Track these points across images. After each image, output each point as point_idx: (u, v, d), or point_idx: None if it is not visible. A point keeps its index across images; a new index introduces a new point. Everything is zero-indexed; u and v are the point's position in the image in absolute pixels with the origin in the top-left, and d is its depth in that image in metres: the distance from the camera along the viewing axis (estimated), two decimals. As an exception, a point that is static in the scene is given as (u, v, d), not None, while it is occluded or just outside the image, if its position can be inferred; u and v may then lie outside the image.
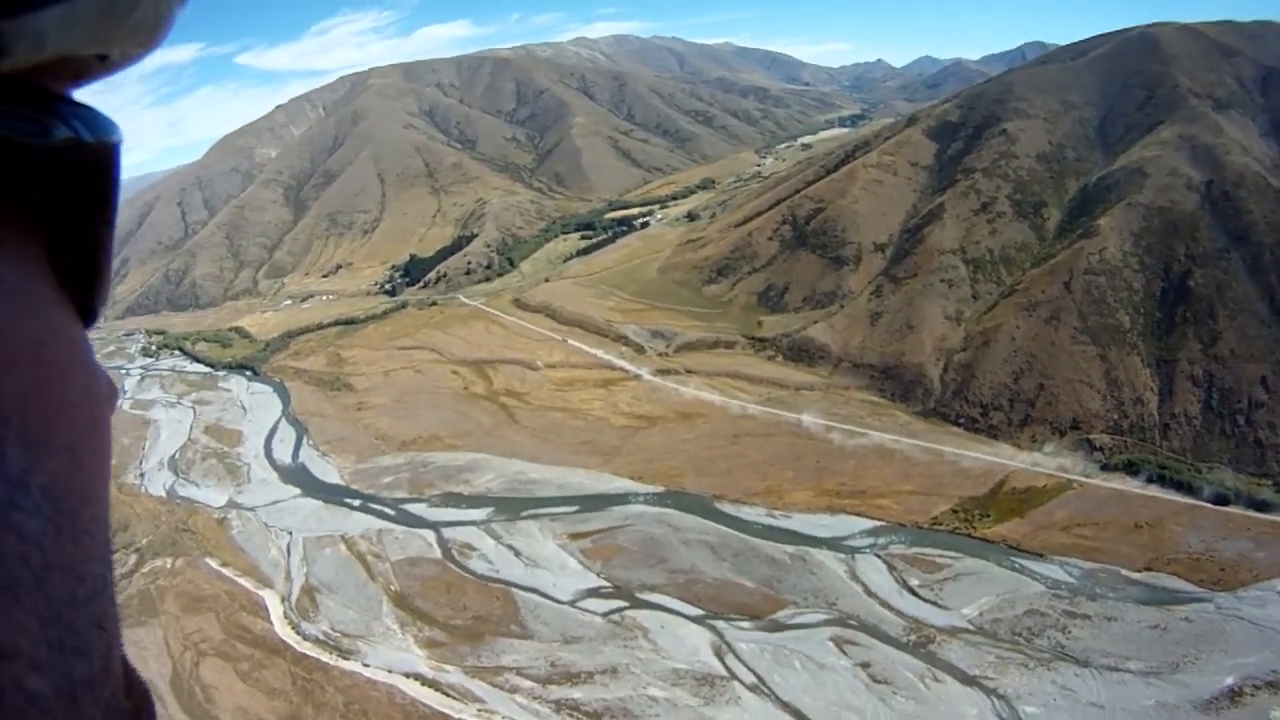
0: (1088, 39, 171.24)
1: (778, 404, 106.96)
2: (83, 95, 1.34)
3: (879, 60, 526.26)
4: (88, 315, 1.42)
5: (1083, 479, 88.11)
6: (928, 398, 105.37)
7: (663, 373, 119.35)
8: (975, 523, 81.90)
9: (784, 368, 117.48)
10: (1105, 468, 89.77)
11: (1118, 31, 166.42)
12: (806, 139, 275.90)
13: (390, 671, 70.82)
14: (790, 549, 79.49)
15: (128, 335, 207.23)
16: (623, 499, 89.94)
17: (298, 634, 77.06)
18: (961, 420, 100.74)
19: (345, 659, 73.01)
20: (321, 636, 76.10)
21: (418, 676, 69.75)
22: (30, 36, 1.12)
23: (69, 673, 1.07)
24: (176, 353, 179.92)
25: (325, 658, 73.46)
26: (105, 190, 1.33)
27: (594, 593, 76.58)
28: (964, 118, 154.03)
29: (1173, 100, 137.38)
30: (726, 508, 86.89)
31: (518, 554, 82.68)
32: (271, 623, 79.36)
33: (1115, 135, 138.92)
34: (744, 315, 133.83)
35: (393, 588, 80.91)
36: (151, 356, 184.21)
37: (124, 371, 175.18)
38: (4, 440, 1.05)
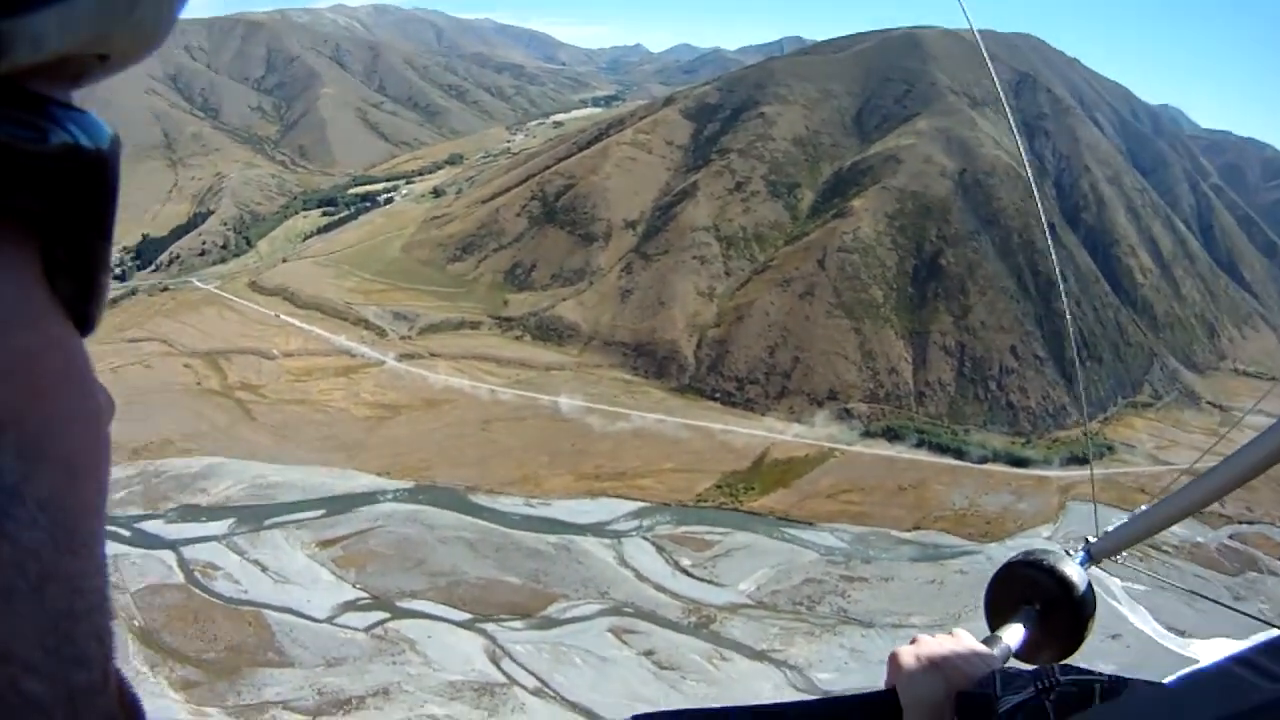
0: (852, 35, 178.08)
1: (528, 386, 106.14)
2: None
3: (637, 45, 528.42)
4: (84, 325, 1.26)
5: (844, 447, 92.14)
6: (682, 374, 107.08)
7: (406, 357, 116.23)
8: (741, 496, 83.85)
9: (533, 348, 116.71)
10: (866, 435, 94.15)
11: (882, 30, 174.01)
12: (559, 117, 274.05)
13: None
14: (553, 539, 78.71)
15: None
16: (371, 498, 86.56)
17: None
18: (718, 395, 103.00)
19: None
20: None
21: None
22: (30, 36, 1.01)
23: (67, 680, 1.02)
24: None
25: None
26: (102, 198, 1.19)
27: (352, 605, 73.06)
28: (723, 100, 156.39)
29: (931, 95, 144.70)
30: (482, 500, 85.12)
31: (265, 569, 77.99)
32: None
33: (872, 124, 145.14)
34: (490, 294, 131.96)
35: (136, 623, 73.89)
36: None
37: None
38: (0, 452, 1.14)
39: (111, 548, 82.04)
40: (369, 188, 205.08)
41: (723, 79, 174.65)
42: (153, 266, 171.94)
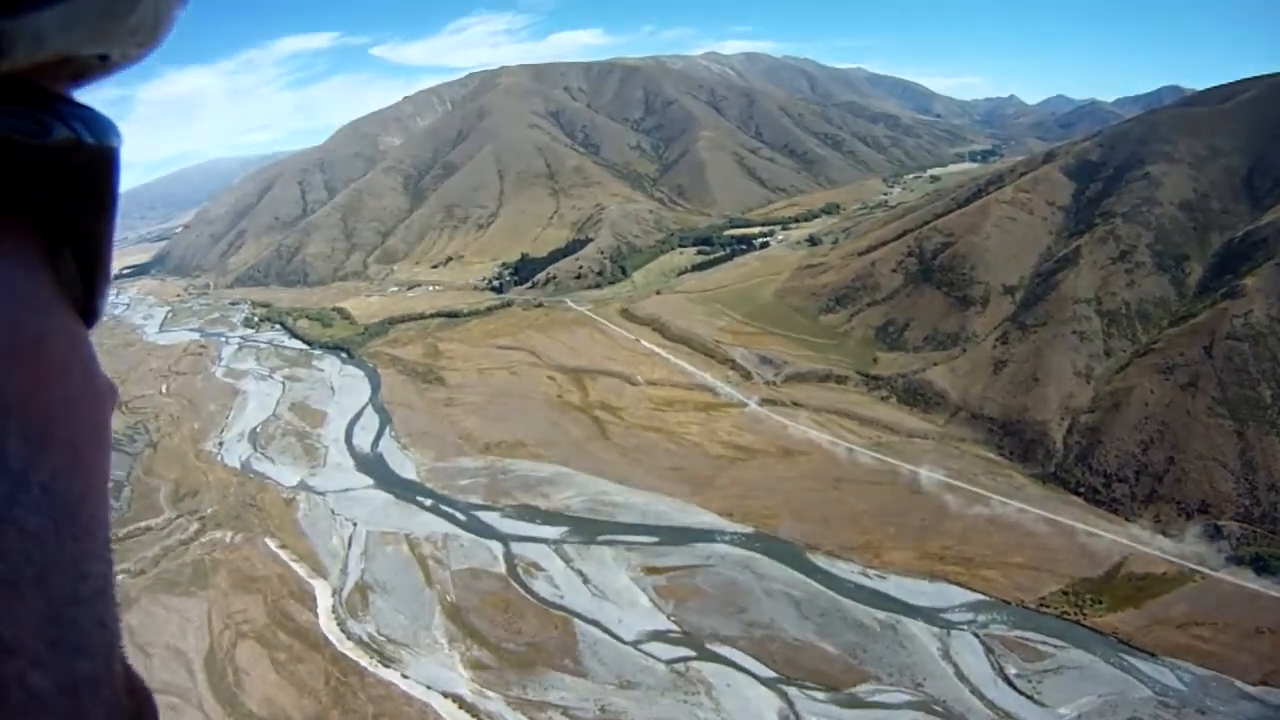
0: (1233, 83, 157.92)
1: (887, 450, 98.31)
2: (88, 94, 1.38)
3: (1012, 96, 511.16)
4: (88, 315, 1.42)
5: (1206, 570, 78.35)
6: (1048, 460, 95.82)
7: (768, 403, 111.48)
8: (1086, 608, 73.16)
9: (897, 411, 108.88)
10: (1232, 560, 79.89)
11: (1266, 76, 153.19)
12: (935, 171, 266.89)
13: (429, 688, 66.26)
14: (881, 615, 71.81)
15: (234, 305, 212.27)
16: (708, 535, 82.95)
17: (342, 631, 73.53)
18: (1082, 489, 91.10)
19: (385, 666, 68.95)
20: (365, 638, 72.28)
21: (456, 698, 64.97)
22: (30, 36, 1.13)
23: (71, 670, 1.07)
24: (277, 326, 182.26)
25: (364, 661, 69.57)
26: (105, 190, 1.33)
27: (661, 636, 70.13)
28: (1105, 157, 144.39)
29: None
30: (819, 560, 79.25)
31: (586, 581, 76.76)
32: (318, 615, 76.17)
33: (1264, 188, 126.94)
34: (860, 349, 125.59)
35: (449, 598, 76.18)
36: (253, 328, 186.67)
37: (224, 340, 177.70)
38: (5, 436, 1.06)
39: (445, 526, 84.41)
40: (745, 230, 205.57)
41: (1104, 134, 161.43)
42: (529, 284, 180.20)
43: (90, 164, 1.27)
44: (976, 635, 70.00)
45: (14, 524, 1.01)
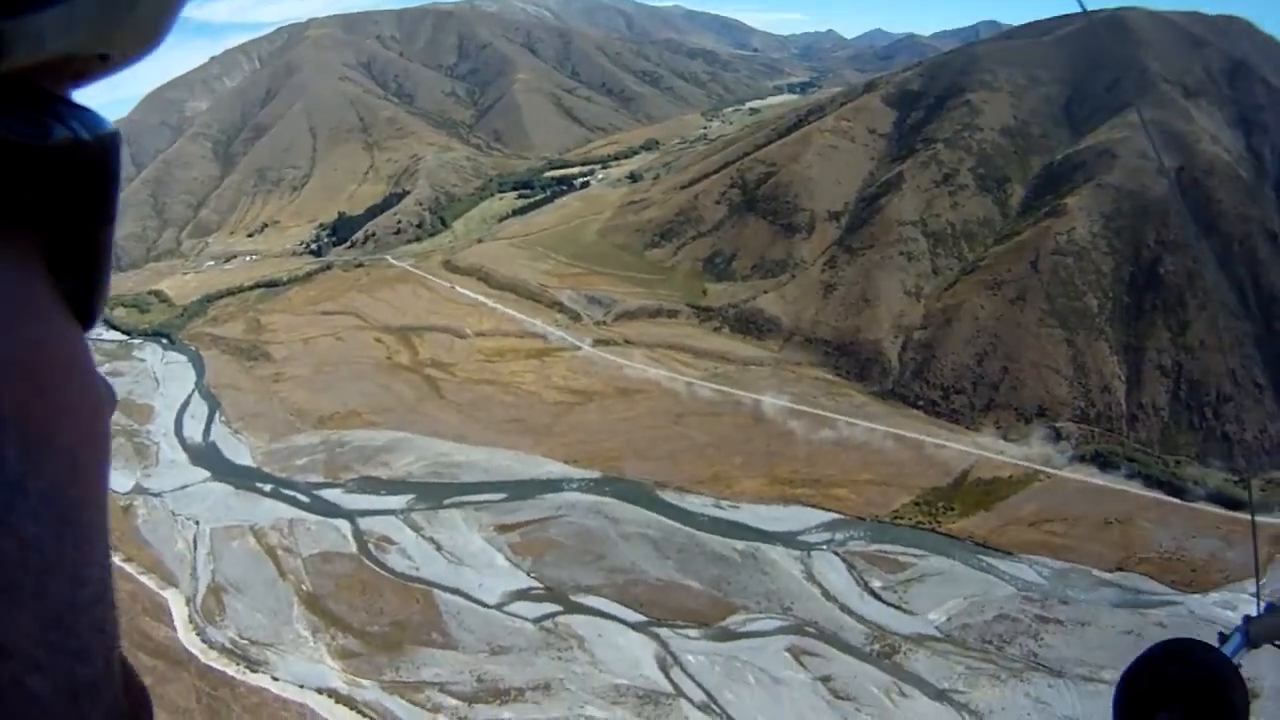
0: (1053, 18, 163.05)
1: (725, 380, 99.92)
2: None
3: (830, 30, 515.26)
4: (86, 318, 1.38)
5: (1051, 470, 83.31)
6: (885, 377, 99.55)
7: (600, 343, 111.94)
8: (940, 516, 76.74)
9: (731, 340, 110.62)
10: (1074, 459, 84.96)
11: (1087, 12, 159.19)
12: (754, 103, 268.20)
13: (301, 687, 64.37)
14: (740, 545, 73.21)
15: None
16: (555, 485, 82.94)
17: (203, 642, 70.49)
18: (921, 403, 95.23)
19: (253, 671, 66.54)
20: (229, 644, 69.52)
21: (331, 693, 63.48)
22: (30, 36, 1.13)
23: (71, 676, 1.08)
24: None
25: (232, 670, 66.89)
26: (104, 192, 1.31)
27: (524, 594, 70.00)
28: (926, 86, 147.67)
29: (1142, 84, 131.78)
30: (670, 496, 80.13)
31: (440, 548, 75.71)
32: (175, 629, 72.74)
33: (1082, 115, 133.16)
34: (688, 282, 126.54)
35: (304, 587, 74.00)
36: None
37: None
38: (2, 443, 1.06)
39: (289, 511, 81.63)
40: (565, 171, 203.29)
41: (925, 65, 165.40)
42: (348, 244, 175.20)
43: (89, 165, 1.25)
44: (836, 553, 72.38)
45: (12, 531, 1.01)
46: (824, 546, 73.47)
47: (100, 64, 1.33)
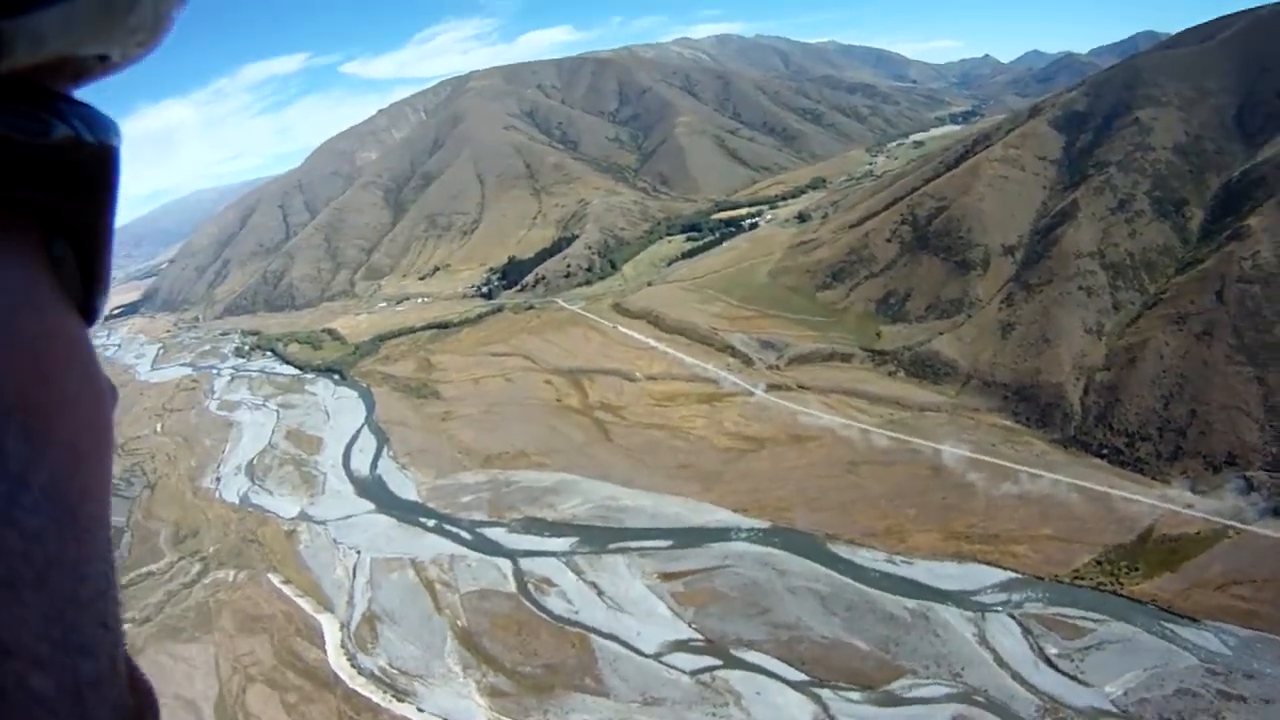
0: (1212, 21, 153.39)
1: (900, 427, 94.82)
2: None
3: (986, 56, 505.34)
4: (88, 314, 1.43)
5: (1240, 525, 75.21)
6: (1067, 424, 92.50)
7: (773, 388, 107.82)
8: (1122, 577, 70.16)
9: (906, 385, 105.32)
10: (1265, 512, 76.89)
11: (1246, 11, 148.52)
12: (918, 136, 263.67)
13: None
14: (911, 603, 68.60)
15: (223, 335, 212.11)
16: (723, 534, 79.56)
17: (353, 667, 70.86)
18: (1105, 451, 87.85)
19: (400, 700, 66.16)
20: (377, 672, 69.55)
21: None
22: (30, 36, 1.13)
23: (74, 672, 1.07)
24: (268, 354, 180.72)
25: (378, 698, 66.79)
26: (105, 189, 1.34)
27: (683, 645, 66.99)
28: (1091, 106, 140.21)
29: None
30: (841, 550, 75.83)
31: (600, 593, 73.67)
32: (326, 652, 73.53)
33: (1256, 124, 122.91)
34: (861, 324, 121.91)
35: (460, 623, 73.25)
36: (244, 357, 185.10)
37: (215, 372, 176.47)
38: (4, 436, 1.07)
39: (450, 547, 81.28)
40: (732, 213, 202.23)
41: (1088, 83, 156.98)
42: (518, 287, 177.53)
43: (91, 162, 1.28)
44: (1012, 616, 66.96)
45: (13, 525, 1.02)
46: (999, 608, 68.10)
47: (100, 64, 1.35)
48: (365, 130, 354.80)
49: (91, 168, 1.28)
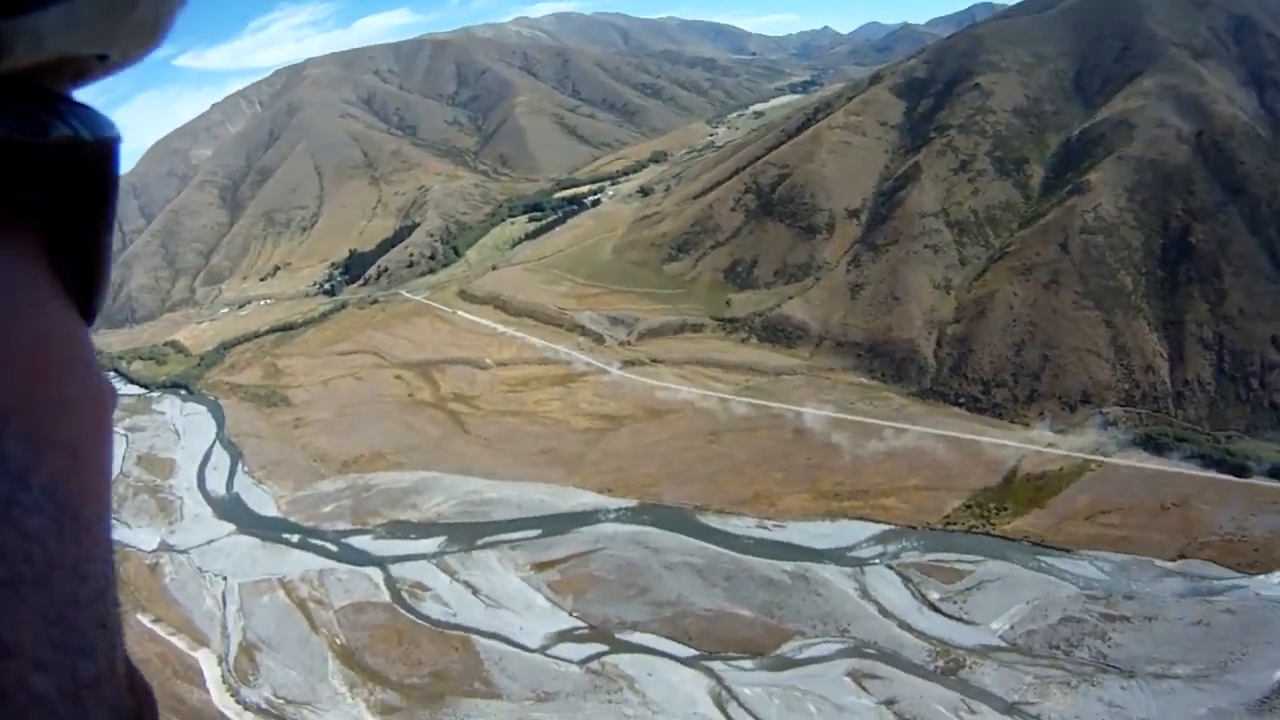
0: None
1: (758, 393, 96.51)
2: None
3: (825, 27, 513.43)
4: (87, 314, 1.44)
5: (1101, 458, 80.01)
6: (923, 376, 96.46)
7: (627, 364, 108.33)
8: (993, 518, 73.64)
9: (760, 351, 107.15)
10: (1124, 444, 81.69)
11: None
12: (759, 107, 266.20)
13: None
14: (789, 566, 69.89)
15: None
16: (592, 517, 79.49)
17: (237, 702, 68.02)
18: (962, 400, 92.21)
19: None
20: (263, 704, 66.96)
21: None
22: (30, 36, 1.14)
23: (74, 672, 1.08)
24: (112, 374, 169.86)
25: None
26: (104, 189, 1.35)
27: (567, 635, 66.73)
28: (932, 74, 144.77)
29: (1151, 50, 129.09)
30: (712, 521, 76.71)
31: (476, 592, 72.69)
32: (209, 691, 70.33)
33: (1094, 87, 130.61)
34: (710, 294, 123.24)
35: (338, 641, 71.24)
36: None
37: None
38: (5, 436, 1.07)
39: (318, 562, 79.03)
40: (574, 191, 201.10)
41: (929, 51, 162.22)
42: (362, 281, 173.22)
43: (89, 162, 1.29)
44: (890, 567, 69.33)
45: (14, 525, 1.02)
46: (876, 561, 70.26)
47: (100, 64, 1.36)
48: (199, 126, 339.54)
49: (90, 168, 1.28)
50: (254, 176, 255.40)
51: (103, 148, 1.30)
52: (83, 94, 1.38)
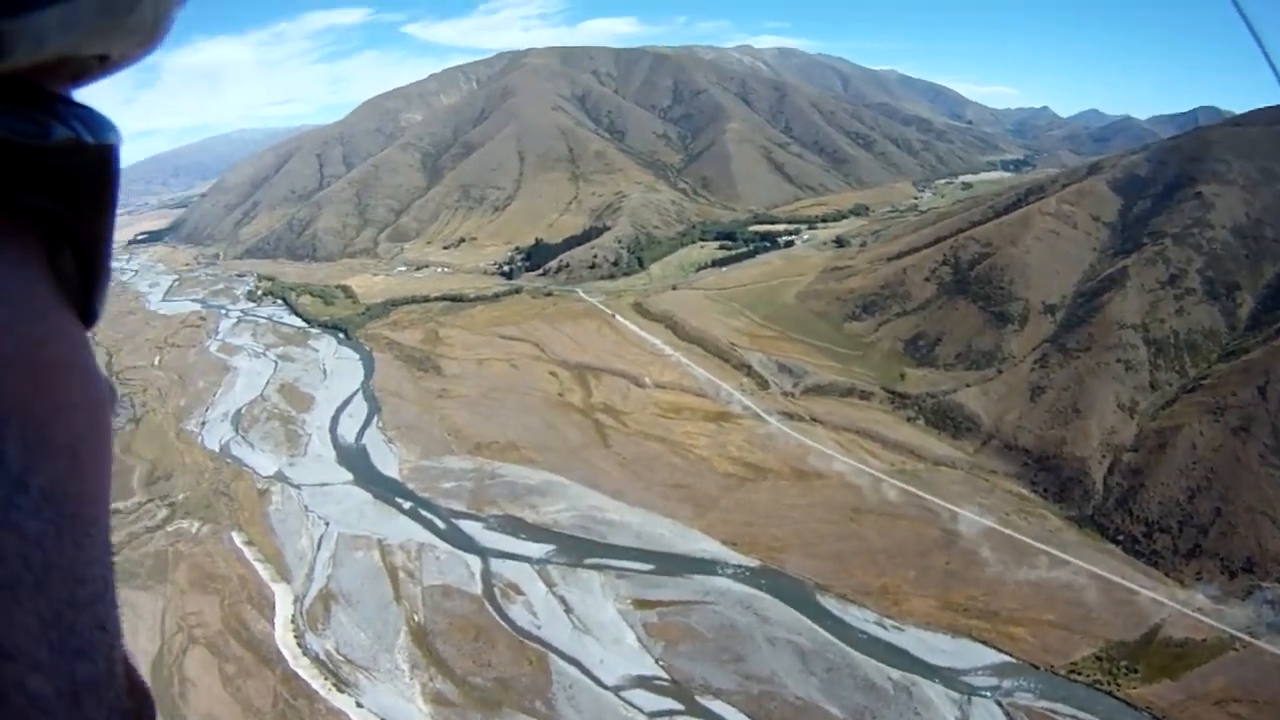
0: None
1: (912, 479, 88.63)
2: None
3: (1045, 107, 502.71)
4: (87, 317, 1.43)
5: (1248, 638, 69.96)
6: (1085, 502, 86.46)
7: (784, 416, 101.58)
8: (1120, 678, 65.11)
9: (924, 434, 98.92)
10: (1275, 627, 71.82)
11: None
12: (967, 177, 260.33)
13: None
14: (895, 674, 63.09)
15: (240, 276, 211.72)
16: (708, 566, 73.89)
17: (298, 646, 67.32)
18: (1121, 538, 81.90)
19: (339, 690, 62.41)
20: (323, 655, 65.79)
21: None
22: (30, 36, 1.13)
23: (71, 675, 1.08)
24: (279, 301, 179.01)
25: (317, 684, 63.09)
26: (104, 191, 1.35)
27: (646, 682, 61.82)
28: (1153, 173, 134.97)
29: None
30: (830, 603, 70.00)
31: (569, 610, 68.78)
32: (274, 626, 70.11)
33: None
34: (886, 363, 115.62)
35: (416, 618, 69.06)
36: (255, 301, 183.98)
37: (224, 312, 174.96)
38: (4, 440, 1.07)
39: (421, 534, 76.60)
40: (769, 227, 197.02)
41: (1152, 149, 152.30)
42: (540, 270, 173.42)
43: (90, 165, 1.28)
44: (1000, 704, 61.77)
45: (13, 528, 1.02)
46: (987, 693, 62.68)
47: (100, 64, 1.36)
48: (414, 92, 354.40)
49: (91, 170, 1.28)
50: (457, 149, 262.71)
51: (104, 150, 1.30)
52: (85, 95, 1.37)
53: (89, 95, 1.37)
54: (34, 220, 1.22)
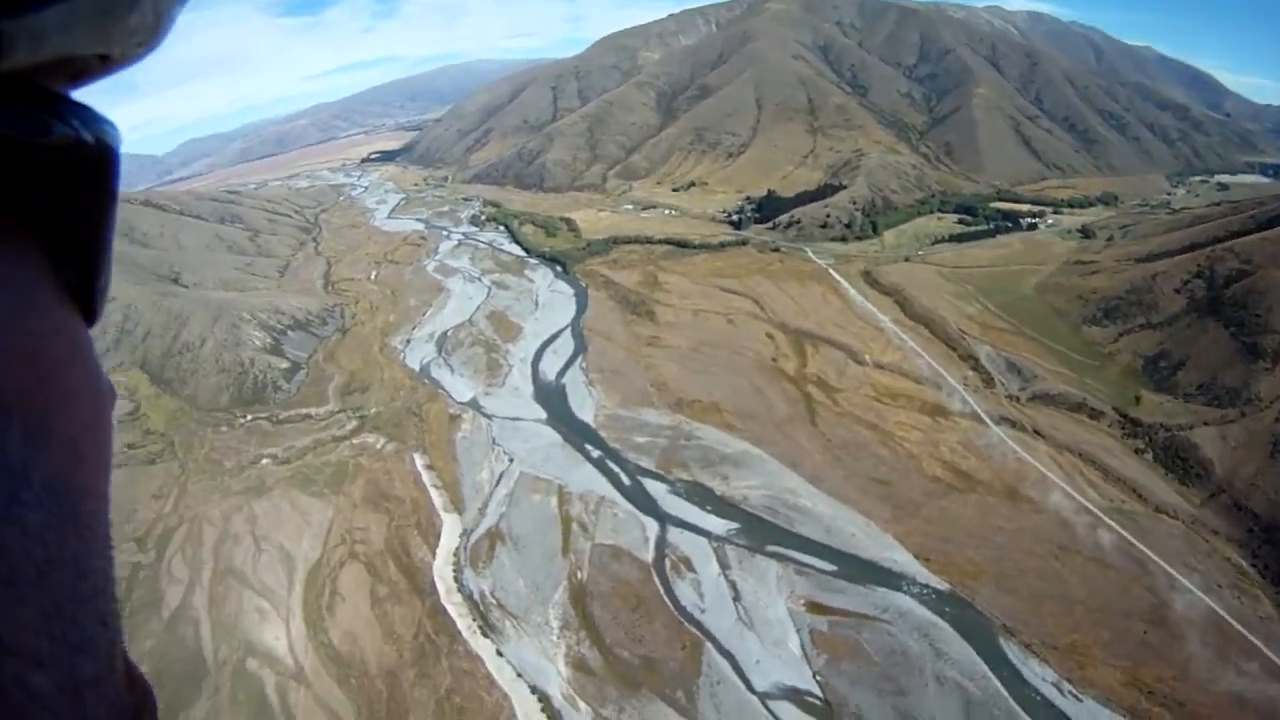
0: None
1: (1129, 524, 76.25)
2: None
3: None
4: (88, 314, 1.45)
5: None
6: (1310, 589, 71.76)
7: (1005, 422, 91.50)
8: None
9: (1150, 471, 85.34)
10: None
11: None
12: (1224, 178, 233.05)
13: (518, 675, 58.56)
14: (1061, 750, 54.74)
15: (466, 200, 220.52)
16: (894, 580, 66.90)
17: (455, 581, 67.74)
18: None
19: (483, 634, 62.25)
20: (476, 596, 65.79)
21: (542, 697, 56.93)
22: (30, 36, 1.14)
23: (72, 670, 1.08)
24: (501, 228, 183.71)
25: (463, 624, 63.13)
26: (104, 189, 1.36)
27: (796, 696, 56.78)
28: None
29: None
30: (1012, 651, 61.43)
31: (737, 598, 64.79)
32: (435, 556, 70.57)
33: None
34: (1123, 380, 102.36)
35: (579, 575, 67.45)
36: (477, 226, 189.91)
37: (445, 234, 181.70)
38: (5, 434, 1.07)
39: (604, 487, 74.18)
40: (1013, 206, 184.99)
41: None
42: (770, 224, 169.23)
43: (90, 163, 1.29)
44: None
45: (14, 522, 1.02)
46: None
47: (100, 64, 1.37)
48: (653, 30, 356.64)
49: (91, 168, 1.29)
50: (693, 91, 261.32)
51: (103, 148, 1.31)
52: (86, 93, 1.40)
53: (87, 95, 1.38)
54: (35, 218, 1.24)
